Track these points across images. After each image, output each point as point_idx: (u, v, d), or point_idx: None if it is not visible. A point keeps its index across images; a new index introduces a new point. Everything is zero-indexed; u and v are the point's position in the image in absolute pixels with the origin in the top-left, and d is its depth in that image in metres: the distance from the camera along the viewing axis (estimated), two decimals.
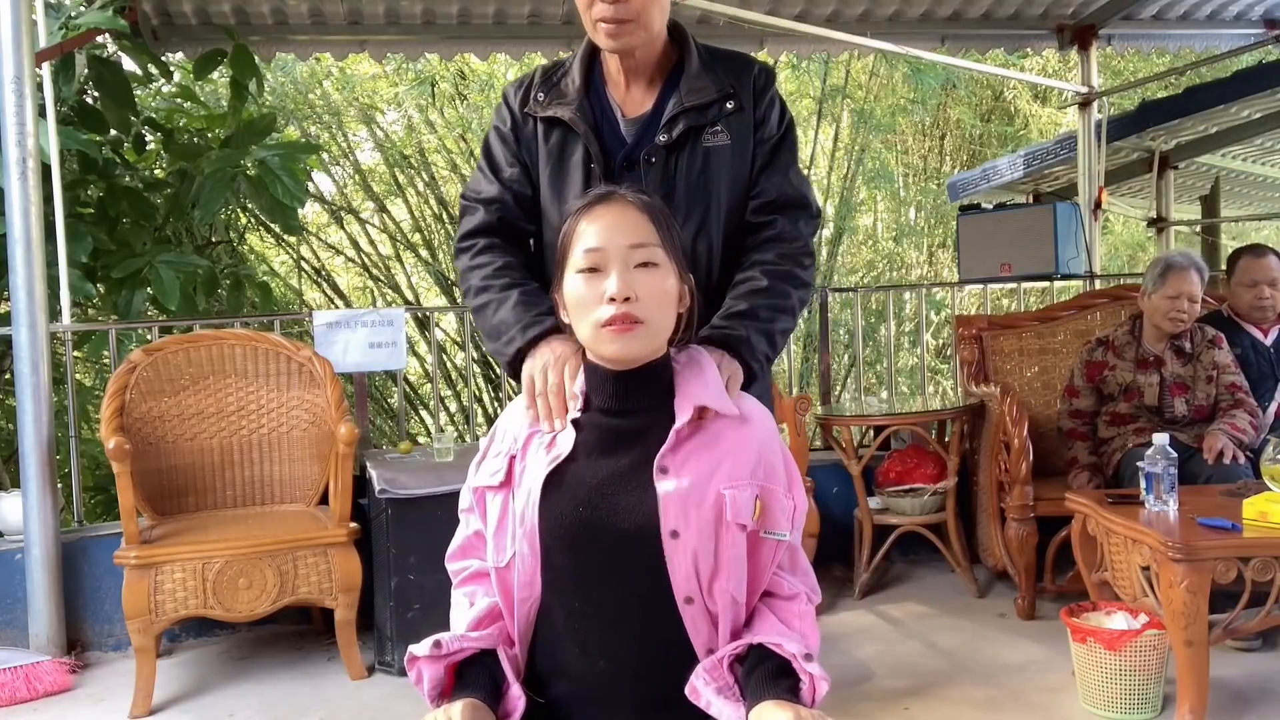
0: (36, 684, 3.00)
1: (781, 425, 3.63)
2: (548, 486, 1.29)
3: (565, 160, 1.64)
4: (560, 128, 1.64)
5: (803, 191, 1.68)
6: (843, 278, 9.28)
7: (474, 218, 1.68)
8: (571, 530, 1.27)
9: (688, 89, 1.61)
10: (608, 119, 1.65)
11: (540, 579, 1.29)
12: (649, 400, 1.32)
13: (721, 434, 1.30)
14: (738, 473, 1.28)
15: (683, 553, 1.24)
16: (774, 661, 1.22)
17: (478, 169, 1.74)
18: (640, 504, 1.26)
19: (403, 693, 2.92)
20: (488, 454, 1.39)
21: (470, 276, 1.65)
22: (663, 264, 1.30)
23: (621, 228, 1.29)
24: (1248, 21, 5.13)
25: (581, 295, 1.29)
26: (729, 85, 1.62)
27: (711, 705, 1.22)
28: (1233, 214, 8.23)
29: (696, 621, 1.27)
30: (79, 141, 3.98)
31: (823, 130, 8.91)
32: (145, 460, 3.18)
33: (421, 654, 1.26)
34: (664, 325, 1.31)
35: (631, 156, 1.62)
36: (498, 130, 1.71)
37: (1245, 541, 2.33)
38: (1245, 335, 3.46)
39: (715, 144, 1.60)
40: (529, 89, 1.68)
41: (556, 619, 1.31)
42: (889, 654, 3.08)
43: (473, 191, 1.71)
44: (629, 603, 1.27)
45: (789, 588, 1.32)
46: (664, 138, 1.60)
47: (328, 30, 4.57)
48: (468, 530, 1.40)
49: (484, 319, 1.59)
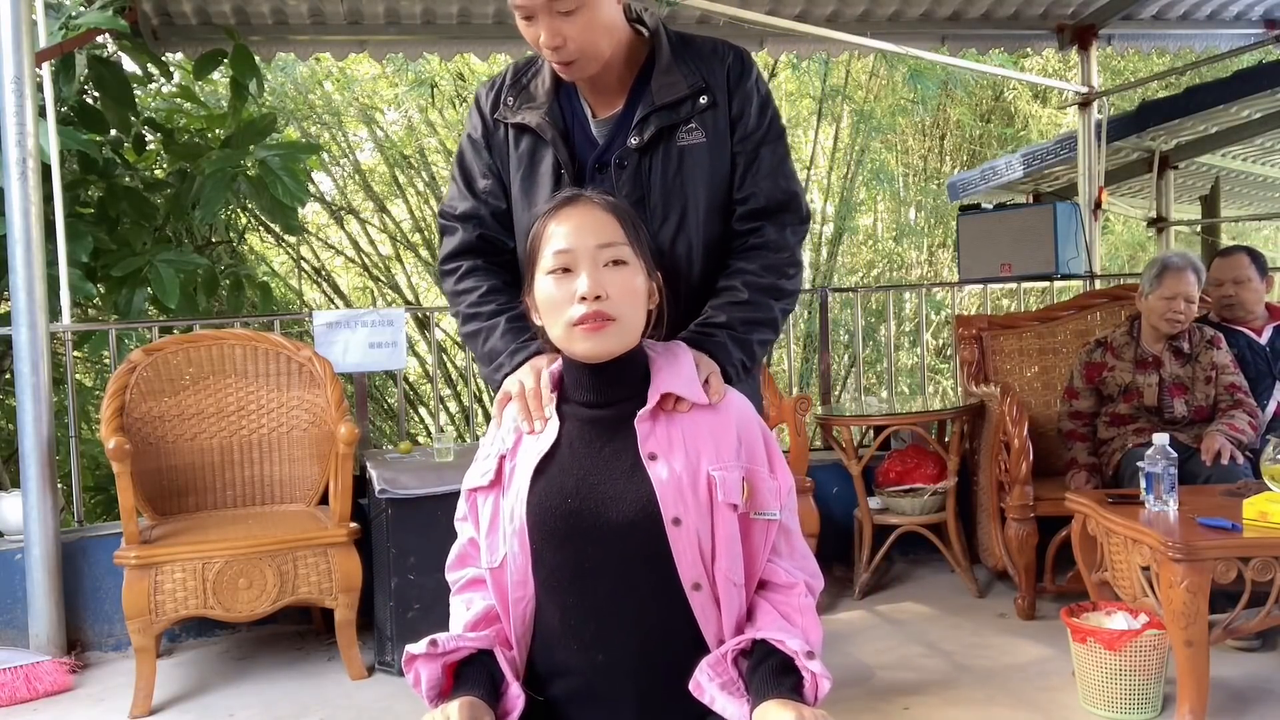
0: (36, 684, 3.00)
1: (781, 425, 3.63)
2: (535, 480, 1.30)
3: (535, 167, 1.61)
4: (529, 133, 1.60)
5: (793, 192, 1.62)
6: (843, 278, 9.29)
7: (454, 238, 1.67)
8: (563, 522, 1.28)
9: (658, 86, 1.55)
10: (578, 120, 1.61)
11: (533, 577, 1.30)
12: (626, 391, 1.34)
13: (699, 420, 1.33)
14: (723, 454, 1.30)
15: (687, 539, 1.26)
16: (777, 658, 1.23)
17: (452, 180, 1.72)
18: (628, 492, 1.28)
19: (403, 693, 2.92)
20: (476, 459, 1.41)
21: (457, 302, 1.64)
22: (631, 262, 1.33)
23: (589, 229, 1.32)
24: (1248, 21, 5.13)
25: (552, 296, 1.32)
26: (701, 80, 1.56)
27: (715, 701, 1.23)
28: (1233, 214, 8.24)
29: (705, 608, 1.28)
30: (79, 141, 3.98)
31: (823, 130, 8.91)
32: (145, 460, 3.18)
33: (418, 652, 1.26)
34: (635, 322, 1.33)
35: (603, 160, 1.58)
36: (470, 138, 1.67)
37: (1245, 541, 2.33)
38: (1240, 335, 3.46)
39: (690, 143, 1.56)
40: (499, 91, 1.65)
41: (552, 617, 1.31)
42: (889, 654, 3.07)
43: (450, 208, 1.69)
44: (626, 594, 1.28)
45: (786, 576, 1.33)
46: (635, 140, 1.55)
47: (328, 30, 4.57)
48: (463, 539, 1.41)
49: (475, 346, 1.61)
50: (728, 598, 1.28)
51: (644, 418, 1.31)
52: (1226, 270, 3.50)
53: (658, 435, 1.31)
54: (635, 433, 1.31)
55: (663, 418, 1.32)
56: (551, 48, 1.48)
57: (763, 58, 7.56)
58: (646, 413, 1.31)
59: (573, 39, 1.47)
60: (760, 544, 1.31)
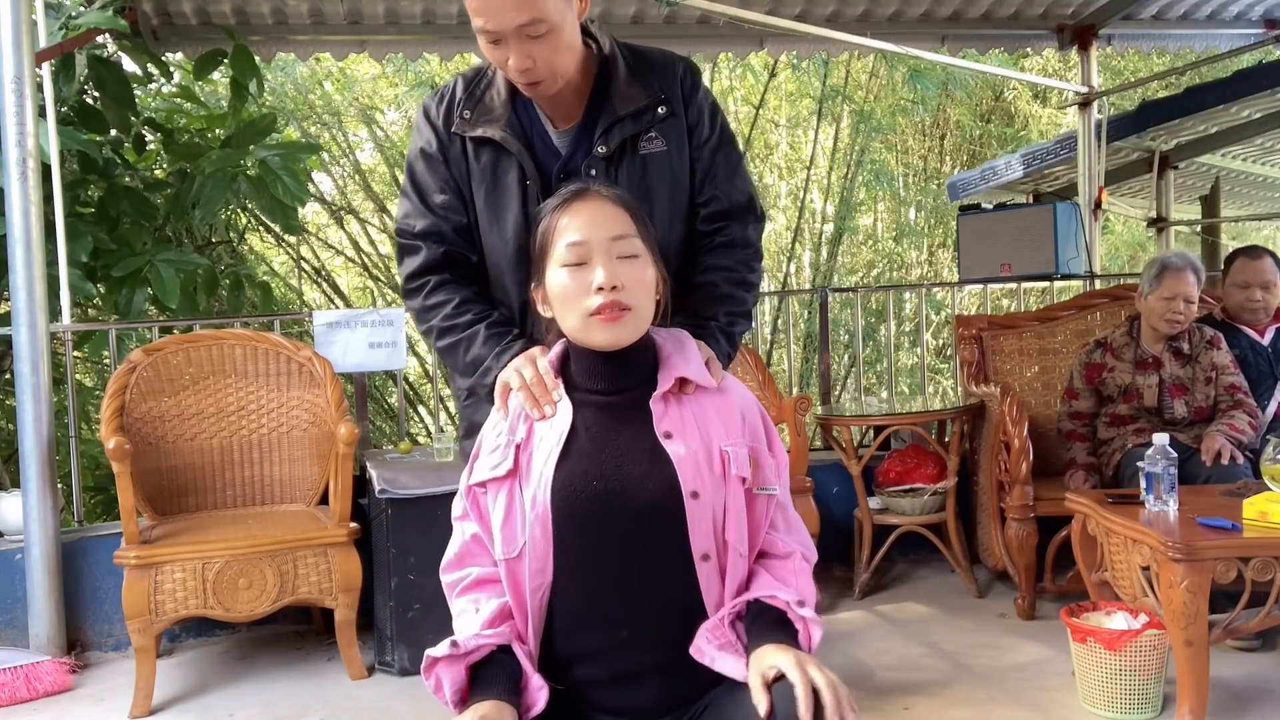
0: (36, 684, 3.00)
1: (781, 425, 3.63)
2: (559, 466, 1.33)
3: (500, 180, 1.61)
4: (491, 146, 1.60)
5: (750, 194, 1.72)
6: (843, 278, 9.29)
7: (417, 257, 1.64)
8: (589, 504, 1.31)
9: (620, 98, 1.59)
10: (538, 131, 1.62)
11: (552, 563, 1.32)
12: (638, 378, 1.40)
13: (706, 403, 1.39)
14: (731, 432, 1.37)
15: (703, 511, 1.32)
16: (772, 613, 1.30)
17: (404, 196, 1.67)
18: (652, 471, 1.33)
19: (403, 693, 2.92)
20: (480, 454, 1.41)
21: (429, 317, 1.63)
22: (642, 254, 1.38)
23: (602, 221, 1.36)
24: (1248, 21, 5.13)
25: (567, 288, 1.35)
26: (660, 90, 1.61)
27: (715, 661, 1.28)
28: (1233, 214, 8.24)
29: (710, 578, 1.33)
30: (79, 141, 3.98)
31: (823, 130, 8.91)
32: (145, 460, 3.18)
33: (440, 655, 1.26)
34: (647, 312, 1.39)
35: (569, 168, 1.60)
36: (424, 153, 1.64)
37: (1245, 541, 2.33)
38: (1242, 336, 3.46)
39: (652, 151, 1.61)
40: (450, 104, 1.63)
41: (572, 601, 1.33)
42: (889, 654, 3.07)
43: (407, 226, 1.66)
44: (648, 568, 1.32)
45: (784, 546, 1.39)
46: (603, 149, 1.59)
47: (328, 30, 4.57)
48: (464, 537, 1.40)
49: (455, 358, 1.60)
50: (733, 568, 1.34)
51: (658, 399, 1.37)
52: (1255, 274, 3.44)
53: (671, 416, 1.36)
54: (648, 416, 1.36)
55: (674, 400, 1.38)
56: (521, 70, 1.50)
57: (763, 58, 7.57)
58: (660, 395, 1.37)
59: (542, 60, 1.49)
60: (761, 518, 1.38)
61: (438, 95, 1.66)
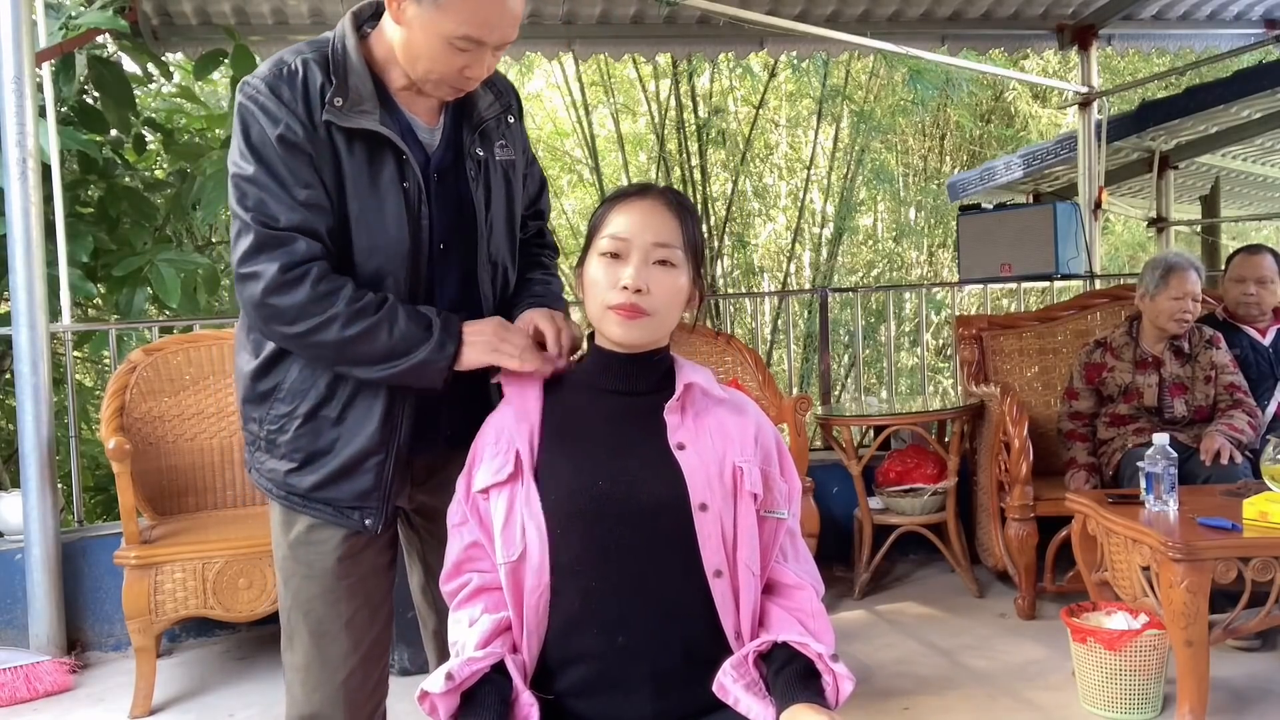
0: (36, 684, 3.00)
1: (781, 425, 3.63)
2: (563, 464, 1.34)
3: (378, 175, 1.48)
4: (365, 138, 1.47)
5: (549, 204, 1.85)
6: (843, 278, 9.30)
7: (290, 247, 1.43)
8: (593, 503, 1.31)
9: (482, 104, 1.58)
10: (407, 126, 1.54)
11: (555, 563, 1.30)
12: (653, 383, 1.41)
13: (724, 417, 1.40)
14: (745, 449, 1.37)
15: (712, 524, 1.32)
16: (800, 663, 1.28)
17: (256, 183, 1.44)
18: (658, 476, 1.33)
19: (402, 692, 2.90)
20: (480, 461, 1.39)
21: (325, 305, 1.42)
22: (680, 265, 1.39)
23: (650, 224, 1.38)
24: (1248, 21, 5.12)
25: (597, 277, 1.38)
26: (509, 100, 1.64)
27: (740, 702, 1.27)
28: (1233, 214, 8.25)
29: (725, 597, 1.32)
30: (79, 141, 3.98)
31: (823, 130, 8.91)
32: (145, 460, 3.18)
33: (436, 690, 1.25)
34: (670, 320, 1.41)
35: (441, 166, 1.56)
36: (283, 139, 1.43)
37: (1245, 541, 2.33)
38: (1243, 335, 3.46)
39: (505, 158, 1.62)
40: (307, 87, 1.46)
41: (571, 603, 1.32)
42: (889, 654, 3.07)
43: (269, 219, 1.43)
44: (649, 575, 1.31)
45: (795, 578, 1.38)
46: (481, 151, 1.58)
47: (327, 30, 4.54)
48: (463, 543, 1.39)
49: (374, 342, 1.43)
50: (747, 587, 1.33)
51: (673, 409, 1.37)
52: (1251, 269, 3.46)
53: (686, 427, 1.37)
54: (661, 424, 1.36)
55: (690, 412, 1.39)
56: (478, 78, 1.49)
57: (763, 58, 7.57)
58: (675, 404, 1.37)
59: (490, 68, 1.50)
60: (769, 541, 1.37)
61: (281, 74, 1.47)
